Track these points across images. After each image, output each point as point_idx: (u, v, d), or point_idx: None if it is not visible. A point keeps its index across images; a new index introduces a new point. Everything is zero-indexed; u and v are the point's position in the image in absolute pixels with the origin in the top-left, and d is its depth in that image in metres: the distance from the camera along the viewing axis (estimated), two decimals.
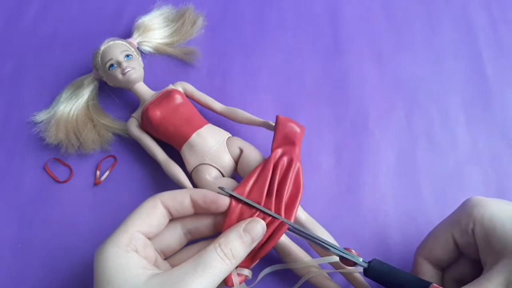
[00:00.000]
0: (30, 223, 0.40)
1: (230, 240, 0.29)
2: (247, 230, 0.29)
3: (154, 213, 0.30)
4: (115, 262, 0.27)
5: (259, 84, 0.47)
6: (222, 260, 0.28)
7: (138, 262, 0.28)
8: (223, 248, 0.28)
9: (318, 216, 0.38)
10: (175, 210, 0.31)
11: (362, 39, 0.50)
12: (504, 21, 0.50)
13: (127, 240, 0.28)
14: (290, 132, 0.38)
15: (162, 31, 0.48)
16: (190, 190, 0.32)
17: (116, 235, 0.29)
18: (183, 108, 0.41)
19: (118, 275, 0.27)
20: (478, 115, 0.45)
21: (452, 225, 0.31)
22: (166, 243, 0.32)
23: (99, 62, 0.43)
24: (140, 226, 0.29)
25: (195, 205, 0.31)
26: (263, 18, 0.51)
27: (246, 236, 0.29)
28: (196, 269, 0.27)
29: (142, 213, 0.30)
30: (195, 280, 0.26)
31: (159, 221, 0.30)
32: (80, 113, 0.43)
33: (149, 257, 0.30)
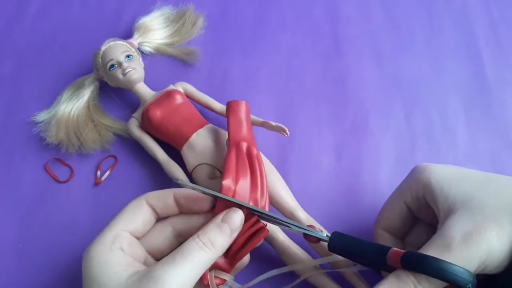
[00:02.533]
0: (30, 223, 0.40)
1: (208, 230, 0.29)
2: (225, 220, 0.29)
3: (139, 212, 0.30)
4: (99, 260, 0.27)
5: (259, 84, 0.47)
6: (201, 248, 0.27)
7: (122, 260, 0.28)
8: (201, 237, 0.28)
9: (318, 216, 0.38)
10: (160, 209, 0.31)
11: (362, 39, 0.50)
12: (504, 21, 0.50)
13: (111, 238, 0.28)
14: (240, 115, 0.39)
15: (163, 32, 0.48)
16: (174, 190, 0.32)
17: (102, 234, 0.29)
18: (183, 108, 0.41)
19: (102, 273, 0.27)
20: (478, 115, 0.45)
21: (403, 193, 0.32)
22: (155, 244, 0.31)
23: (99, 63, 0.43)
24: (126, 225, 0.30)
25: (178, 204, 0.31)
26: (263, 18, 0.51)
27: (224, 226, 0.29)
28: (175, 259, 0.27)
29: (128, 212, 0.30)
30: (176, 270, 0.26)
31: (144, 219, 0.30)
32: (80, 113, 0.44)
33: (136, 255, 0.30)
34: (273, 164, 0.40)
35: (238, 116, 0.39)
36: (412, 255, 0.27)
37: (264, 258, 0.38)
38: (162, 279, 0.25)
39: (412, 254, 0.28)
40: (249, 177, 0.35)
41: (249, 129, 0.39)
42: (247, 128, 0.38)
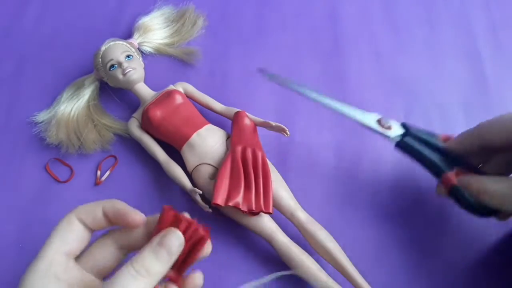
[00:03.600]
0: (30, 223, 0.40)
1: (143, 256, 0.26)
2: (162, 243, 0.26)
3: (70, 230, 0.28)
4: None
5: (259, 84, 0.47)
6: (134, 278, 0.25)
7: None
8: (134, 265, 0.25)
9: (318, 216, 0.38)
10: (91, 224, 0.29)
11: (362, 39, 0.50)
12: (503, 21, 0.50)
13: (46, 265, 0.26)
14: (245, 124, 0.40)
15: (163, 32, 0.48)
16: (103, 202, 0.29)
17: (35, 261, 0.27)
18: (184, 108, 0.41)
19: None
20: (478, 115, 0.45)
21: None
22: (99, 263, 0.29)
23: (99, 63, 0.43)
24: (59, 247, 0.27)
25: (108, 218, 0.29)
26: (263, 18, 0.51)
27: (160, 251, 0.26)
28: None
29: (59, 232, 0.28)
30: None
31: (78, 236, 0.28)
32: (80, 113, 0.44)
33: (74, 279, 0.27)
34: (273, 164, 0.40)
35: (240, 124, 0.40)
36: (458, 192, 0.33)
37: (264, 258, 0.38)
38: None
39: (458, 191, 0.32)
40: (243, 182, 0.36)
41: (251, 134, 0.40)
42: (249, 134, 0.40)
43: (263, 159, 0.38)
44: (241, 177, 0.36)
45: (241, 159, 0.37)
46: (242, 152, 0.38)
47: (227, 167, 0.37)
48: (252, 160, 0.37)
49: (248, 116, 0.41)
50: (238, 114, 0.41)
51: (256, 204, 0.36)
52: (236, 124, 0.40)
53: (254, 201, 0.36)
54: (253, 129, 0.41)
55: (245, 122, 0.40)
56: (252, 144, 0.39)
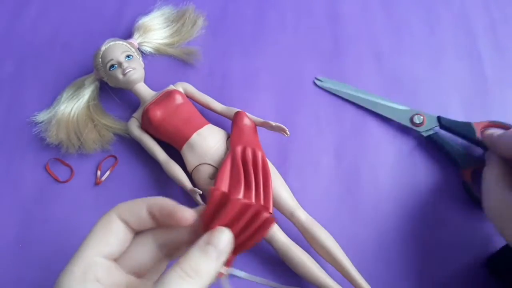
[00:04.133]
0: (30, 223, 0.40)
1: (190, 256, 0.24)
2: (210, 242, 0.25)
3: (111, 230, 0.26)
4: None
5: (259, 84, 0.47)
6: (182, 279, 0.23)
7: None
8: (182, 266, 0.23)
9: (318, 216, 0.38)
10: (134, 224, 0.26)
11: (362, 39, 0.50)
12: (503, 21, 0.50)
13: (83, 269, 0.24)
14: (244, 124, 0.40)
15: (163, 32, 0.48)
16: (148, 200, 0.27)
17: (70, 265, 0.24)
18: (184, 108, 0.41)
19: None
20: (477, 115, 0.45)
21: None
22: (137, 261, 0.27)
23: (99, 63, 0.43)
24: (98, 248, 0.25)
25: (153, 217, 0.26)
26: (263, 18, 0.51)
27: (209, 249, 0.24)
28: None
29: (98, 233, 0.26)
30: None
31: (118, 238, 0.26)
32: (80, 113, 0.44)
33: (116, 281, 0.25)
34: (273, 164, 0.40)
35: (239, 124, 0.40)
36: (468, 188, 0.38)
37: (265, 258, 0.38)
38: None
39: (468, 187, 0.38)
40: (243, 181, 0.36)
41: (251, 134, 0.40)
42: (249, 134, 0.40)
43: (263, 159, 0.38)
44: (241, 177, 0.36)
45: (241, 159, 0.37)
46: (242, 152, 0.38)
47: (227, 166, 0.37)
48: (252, 160, 0.37)
49: (248, 116, 0.41)
50: (238, 114, 0.41)
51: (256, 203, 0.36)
52: (236, 124, 0.40)
53: (254, 201, 0.36)
54: (253, 129, 0.41)
55: (245, 122, 0.40)
56: (252, 144, 0.39)
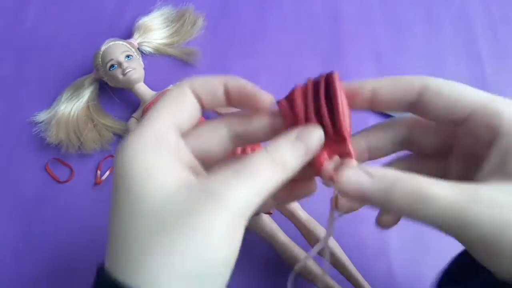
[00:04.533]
0: (30, 222, 0.40)
1: (280, 145, 0.22)
2: (301, 137, 0.22)
3: (183, 102, 0.23)
4: (142, 164, 0.20)
5: (259, 84, 0.47)
6: (270, 165, 0.21)
7: (169, 166, 0.21)
8: (272, 153, 0.21)
9: (318, 216, 0.38)
10: (207, 101, 0.24)
11: (362, 39, 0.50)
12: (504, 21, 0.50)
13: (155, 135, 0.21)
14: None
15: (162, 32, 0.48)
16: (226, 78, 0.24)
17: (141, 130, 0.21)
18: None
19: (145, 182, 0.20)
20: None
21: None
22: (206, 147, 0.24)
23: (99, 63, 0.43)
24: (170, 120, 0.22)
25: (230, 97, 0.24)
26: (263, 18, 0.51)
27: (298, 145, 0.22)
28: (239, 173, 0.20)
29: (170, 104, 0.23)
30: (239, 187, 0.20)
31: (190, 112, 0.23)
32: (80, 113, 0.44)
33: (184, 159, 0.22)
34: None
35: None
36: None
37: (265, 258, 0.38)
38: (221, 197, 0.19)
39: None
40: None
41: None
42: None
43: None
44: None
45: None
46: (242, 152, 0.38)
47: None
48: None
49: None
50: None
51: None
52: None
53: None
54: None
55: None
56: None
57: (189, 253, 0.19)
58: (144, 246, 0.19)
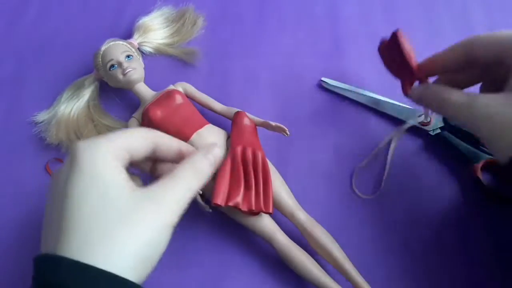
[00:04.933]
0: (30, 223, 0.40)
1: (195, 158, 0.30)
2: (209, 151, 0.31)
3: (144, 144, 0.29)
4: (105, 162, 0.26)
5: (259, 84, 0.47)
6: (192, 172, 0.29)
7: (123, 174, 0.27)
8: (193, 163, 0.29)
9: (318, 216, 0.38)
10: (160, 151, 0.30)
11: (362, 39, 0.50)
12: (503, 21, 0.50)
13: (114, 149, 0.27)
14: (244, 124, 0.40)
15: (163, 32, 0.48)
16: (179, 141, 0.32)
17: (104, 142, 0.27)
18: (184, 108, 0.41)
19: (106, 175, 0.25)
20: None
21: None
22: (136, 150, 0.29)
23: (99, 63, 0.43)
24: (128, 147, 0.28)
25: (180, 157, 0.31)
26: (263, 18, 0.51)
27: (208, 156, 0.30)
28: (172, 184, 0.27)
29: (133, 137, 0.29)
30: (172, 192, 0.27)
31: (145, 152, 0.29)
32: (80, 113, 0.44)
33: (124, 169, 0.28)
34: (273, 164, 0.40)
35: (239, 124, 0.40)
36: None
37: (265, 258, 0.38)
38: (158, 199, 0.26)
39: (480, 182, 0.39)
40: (243, 182, 0.36)
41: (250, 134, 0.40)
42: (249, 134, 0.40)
43: (263, 159, 0.38)
44: (241, 177, 0.36)
45: (241, 159, 0.37)
46: (242, 152, 0.38)
47: (227, 167, 0.37)
48: (252, 160, 0.37)
49: (248, 116, 0.41)
50: (237, 114, 0.41)
51: (256, 204, 0.36)
52: (236, 124, 0.40)
53: (254, 201, 0.36)
54: (253, 129, 0.41)
55: (245, 122, 0.40)
56: (252, 144, 0.39)
57: (135, 238, 0.24)
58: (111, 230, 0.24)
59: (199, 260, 0.39)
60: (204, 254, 0.39)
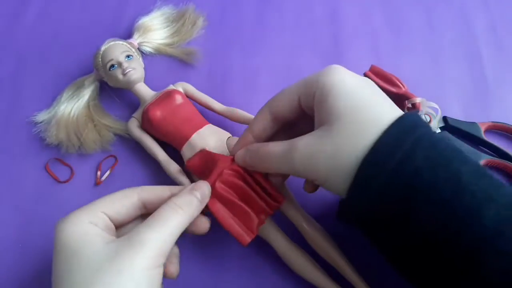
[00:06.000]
0: (30, 223, 0.40)
1: (182, 195, 0.30)
2: (196, 188, 0.31)
3: (126, 202, 0.30)
4: (75, 230, 0.27)
5: (259, 84, 0.47)
6: (175, 211, 0.28)
7: (97, 231, 0.27)
8: (176, 201, 0.29)
9: (318, 216, 0.38)
10: (152, 207, 0.30)
11: (361, 39, 0.50)
12: (503, 21, 0.51)
13: (90, 216, 0.28)
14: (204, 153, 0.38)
15: (163, 32, 0.48)
16: (171, 188, 0.31)
17: (79, 210, 0.28)
18: (183, 108, 0.41)
19: (82, 243, 0.26)
20: (477, 115, 0.45)
21: (301, 86, 0.32)
22: (117, 209, 0.30)
23: (99, 63, 0.43)
24: (107, 209, 0.29)
25: None
26: (263, 18, 0.51)
27: (195, 193, 0.30)
28: (150, 225, 0.27)
29: (113, 198, 0.29)
30: (157, 233, 0.26)
31: (128, 210, 0.30)
32: (80, 113, 0.44)
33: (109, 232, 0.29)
34: None
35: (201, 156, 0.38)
36: None
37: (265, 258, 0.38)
38: (139, 244, 0.26)
39: None
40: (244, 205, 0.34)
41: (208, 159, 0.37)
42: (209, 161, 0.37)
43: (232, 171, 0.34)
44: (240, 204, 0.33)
45: (224, 190, 0.33)
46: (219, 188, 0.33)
47: (220, 209, 0.33)
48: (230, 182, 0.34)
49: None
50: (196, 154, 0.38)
51: (269, 207, 0.34)
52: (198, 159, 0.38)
53: (266, 206, 0.34)
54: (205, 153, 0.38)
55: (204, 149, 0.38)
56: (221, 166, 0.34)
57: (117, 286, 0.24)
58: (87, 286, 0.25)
59: (199, 261, 0.39)
60: (203, 254, 0.39)
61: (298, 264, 0.35)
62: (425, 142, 0.26)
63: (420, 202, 0.26)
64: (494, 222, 0.24)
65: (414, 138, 0.26)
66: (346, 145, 0.27)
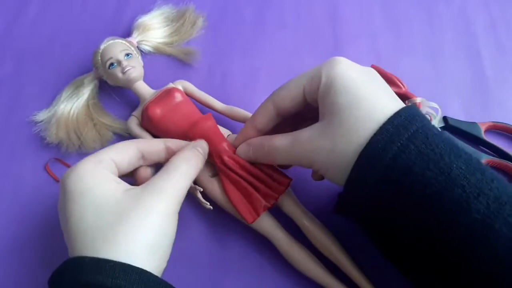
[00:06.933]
0: (30, 223, 0.40)
1: (187, 149, 0.33)
2: (196, 144, 0.34)
3: (129, 151, 0.32)
4: (91, 175, 0.28)
5: (259, 84, 0.47)
6: (186, 162, 0.31)
7: (114, 177, 0.30)
8: (183, 155, 0.32)
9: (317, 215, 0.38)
10: (149, 153, 0.33)
11: (362, 39, 0.50)
12: (504, 21, 0.51)
13: (98, 160, 0.30)
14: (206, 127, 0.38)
15: (162, 31, 0.48)
16: (165, 140, 0.34)
17: (91, 158, 0.30)
18: (183, 106, 0.41)
19: (97, 185, 0.28)
20: (477, 115, 0.45)
21: (305, 80, 0.32)
22: (122, 158, 0.32)
23: (99, 61, 0.43)
24: (115, 157, 0.31)
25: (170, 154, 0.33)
26: (263, 18, 0.51)
27: (197, 147, 0.34)
28: (165, 175, 0.30)
29: (118, 148, 0.32)
30: (172, 181, 0.30)
31: (131, 159, 0.32)
32: (80, 112, 0.44)
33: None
34: None
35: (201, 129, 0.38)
36: None
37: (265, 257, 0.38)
38: (165, 190, 0.29)
39: None
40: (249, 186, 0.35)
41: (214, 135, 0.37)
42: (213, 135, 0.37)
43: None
44: (245, 184, 0.36)
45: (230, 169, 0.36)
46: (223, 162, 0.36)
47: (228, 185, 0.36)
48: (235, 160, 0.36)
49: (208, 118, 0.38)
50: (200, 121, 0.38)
51: (275, 191, 0.36)
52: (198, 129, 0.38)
53: (272, 191, 0.35)
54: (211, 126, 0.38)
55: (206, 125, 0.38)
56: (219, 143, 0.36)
57: (144, 230, 0.27)
58: (114, 231, 0.26)
59: (200, 257, 0.38)
60: (204, 251, 0.39)
61: (298, 260, 0.35)
62: (420, 137, 0.27)
63: (411, 197, 0.26)
64: (483, 215, 0.24)
65: (409, 133, 0.27)
66: (343, 141, 0.28)
